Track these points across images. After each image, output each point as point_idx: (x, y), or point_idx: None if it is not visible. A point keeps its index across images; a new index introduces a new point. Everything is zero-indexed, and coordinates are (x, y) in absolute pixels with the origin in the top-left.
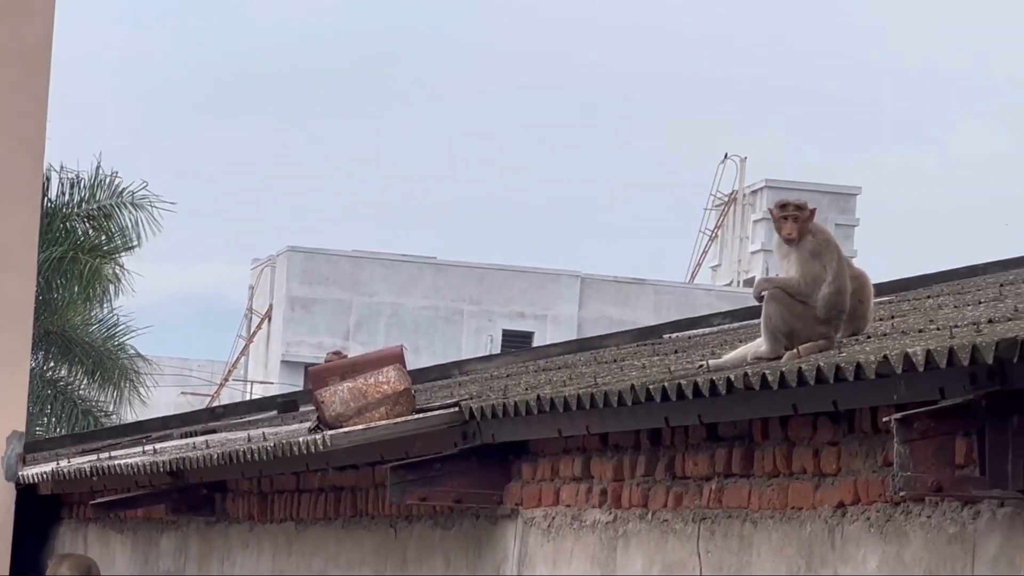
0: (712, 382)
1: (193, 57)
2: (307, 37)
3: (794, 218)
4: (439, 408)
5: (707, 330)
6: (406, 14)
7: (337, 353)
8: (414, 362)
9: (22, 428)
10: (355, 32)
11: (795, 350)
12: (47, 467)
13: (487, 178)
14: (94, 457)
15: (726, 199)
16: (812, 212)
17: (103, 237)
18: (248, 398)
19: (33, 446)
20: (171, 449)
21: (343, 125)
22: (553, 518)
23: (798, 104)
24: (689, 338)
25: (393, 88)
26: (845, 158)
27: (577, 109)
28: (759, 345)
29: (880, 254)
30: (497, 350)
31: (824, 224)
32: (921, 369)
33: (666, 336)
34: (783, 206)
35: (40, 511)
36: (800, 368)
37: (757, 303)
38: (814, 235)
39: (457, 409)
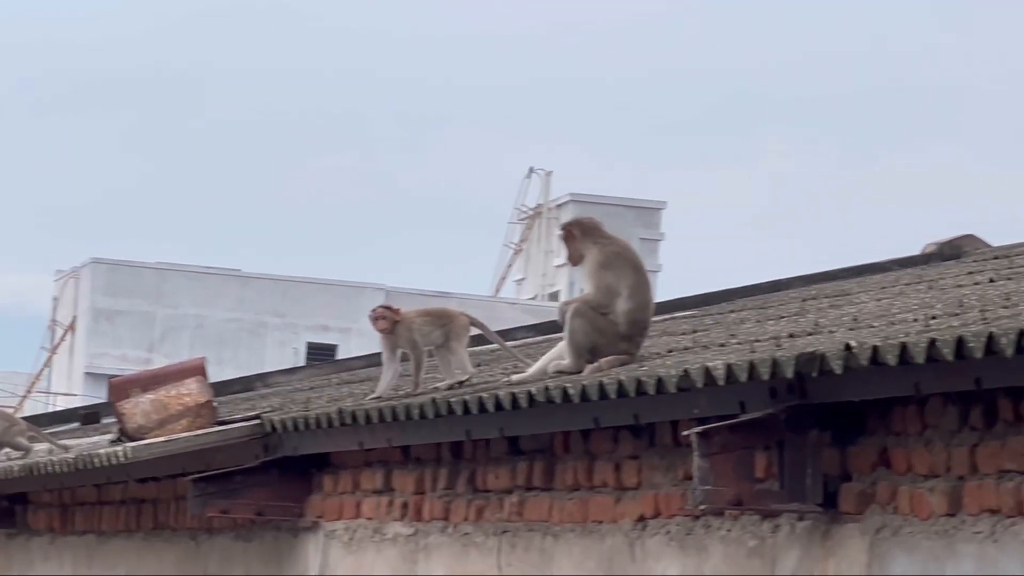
0: (513, 395)
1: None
2: (108, 44)
3: (569, 237)
4: (241, 420)
5: (511, 343)
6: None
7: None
8: (218, 374)
9: None
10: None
11: (597, 364)
12: None
13: (292, 191)
14: None
15: (531, 213)
16: (590, 227)
17: None
18: (51, 410)
19: None
20: None
21: (148, 136)
22: (355, 531)
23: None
24: (492, 352)
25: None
26: (650, 173)
27: (383, 121)
28: (561, 357)
29: (685, 268)
30: (302, 363)
31: (626, 240)
32: (722, 383)
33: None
34: (561, 227)
35: None
36: (602, 381)
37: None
38: (602, 248)
39: (259, 421)
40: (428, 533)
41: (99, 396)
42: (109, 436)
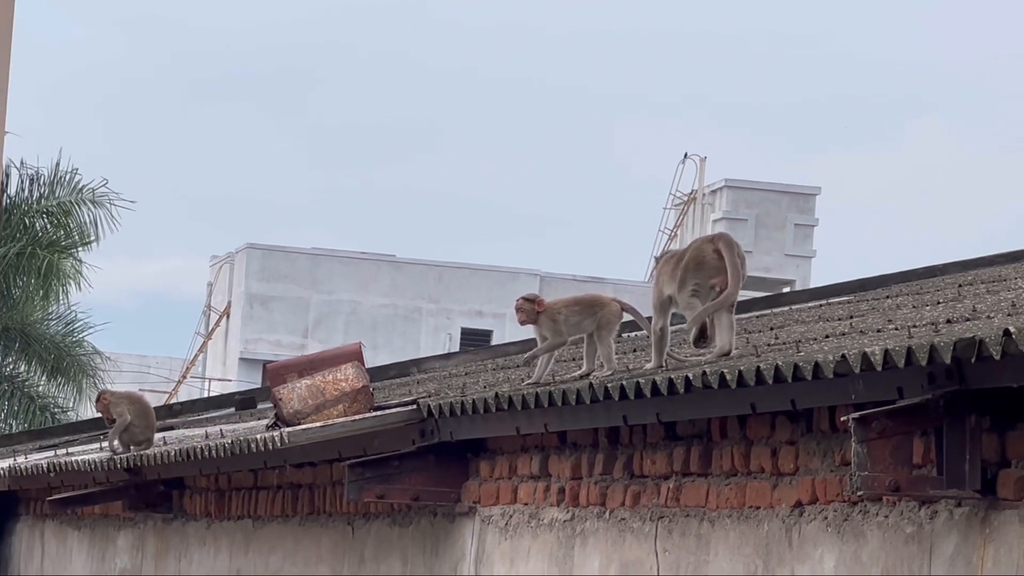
0: (670, 381)
1: (155, 55)
2: (263, 38)
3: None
4: (397, 406)
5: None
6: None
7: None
8: (372, 360)
9: None
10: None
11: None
12: (3, 463)
13: (447, 176)
14: (51, 453)
15: (685, 198)
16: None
17: (61, 233)
18: (206, 395)
19: None
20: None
21: (301, 122)
22: (511, 516)
23: (760, 104)
24: (647, 337)
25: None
26: (805, 158)
27: (541, 107)
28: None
29: (839, 254)
30: (455, 348)
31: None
32: (879, 369)
33: (625, 335)
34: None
35: None
36: (759, 367)
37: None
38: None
39: (415, 407)
40: (584, 519)
41: (253, 381)
42: (265, 421)
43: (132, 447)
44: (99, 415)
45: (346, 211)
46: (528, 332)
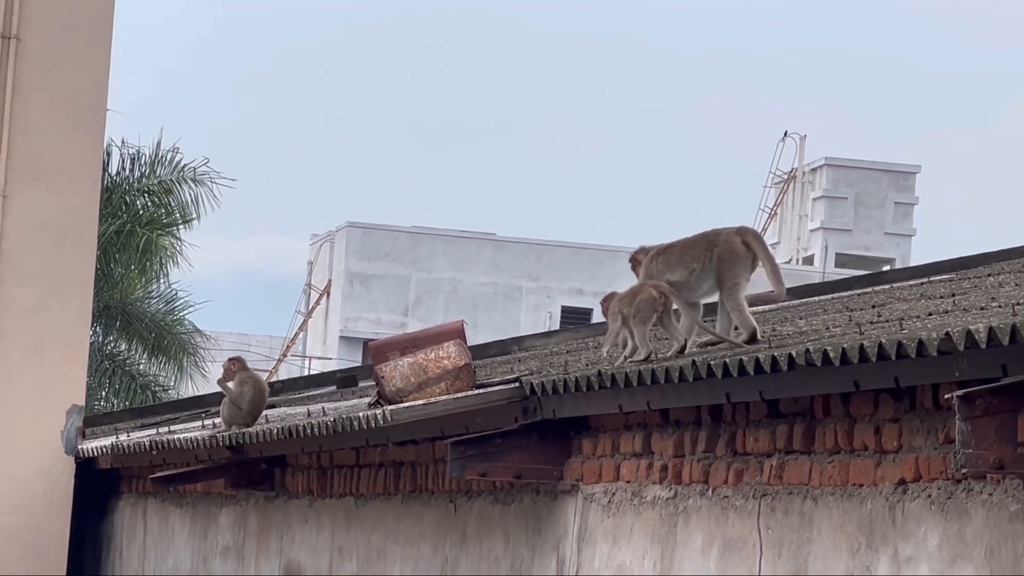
0: (774, 358)
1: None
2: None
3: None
4: (499, 383)
5: (766, 307)
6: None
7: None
8: (473, 338)
9: (81, 402)
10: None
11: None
12: (106, 441)
13: (544, 155)
14: (153, 431)
15: (785, 177)
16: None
17: (162, 211)
18: (306, 373)
19: (92, 420)
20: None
21: (398, 101)
22: (613, 494)
23: (859, 82)
24: (761, 312)
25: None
26: (904, 136)
27: (643, 84)
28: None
29: (939, 232)
30: (556, 326)
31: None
32: (983, 346)
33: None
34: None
35: (99, 485)
36: (862, 345)
37: None
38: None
39: (518, 384)
40: (687, 496)
41: (354, 360)
42: (367, 399)
43: (233, 426)
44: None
45: (447, 189)
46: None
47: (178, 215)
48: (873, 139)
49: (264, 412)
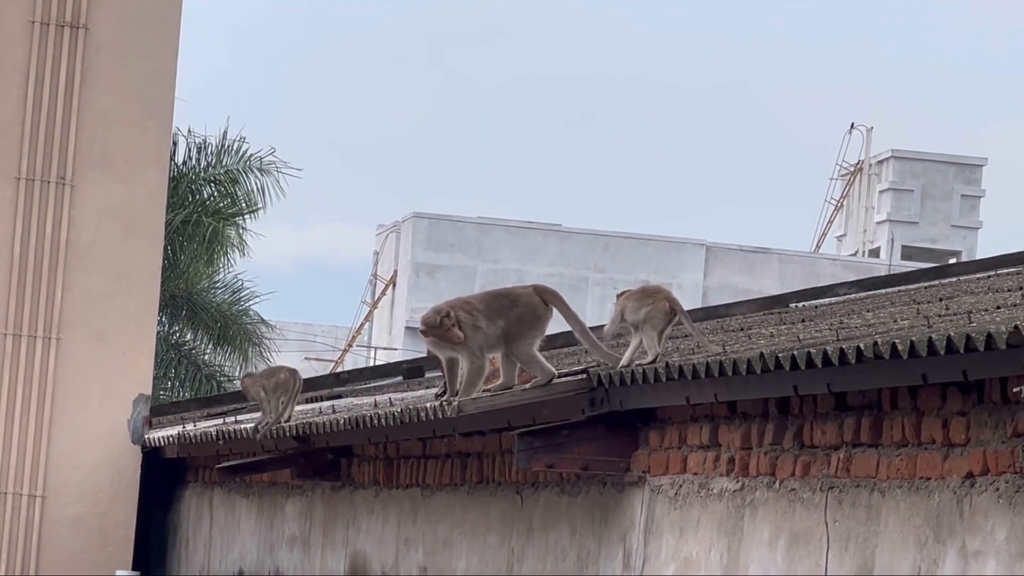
0: (842, 351)
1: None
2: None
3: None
4: (567, 375)
5: (833, 299)
6: None
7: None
8: None
9: (148, 391)
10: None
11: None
12: (173, 431)
13: (612, 147)
14: (220, 421)
15: (852, 169)
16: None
17: (228, 200)
18: (372, 364)
19: (158, 409)
20: (297, 414)
21: (468, 92)
22: (680, 486)
23: (925, 74)
24: (816, 307)
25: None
26: (972, 128)
27: (709, 77)
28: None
29: (1006, 225)
30: None
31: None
32: None
33: (792, 305)
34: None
35: (165, 474)
36: (930, 338)
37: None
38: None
39: (585, 376)
40: (754, 488)
41: (419, 350)
42: (434, 390)
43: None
44: None
45: (513, 180)
46: (693, 301)
47: (244, 204)
48: (940, 131)
49: (332, 403)
